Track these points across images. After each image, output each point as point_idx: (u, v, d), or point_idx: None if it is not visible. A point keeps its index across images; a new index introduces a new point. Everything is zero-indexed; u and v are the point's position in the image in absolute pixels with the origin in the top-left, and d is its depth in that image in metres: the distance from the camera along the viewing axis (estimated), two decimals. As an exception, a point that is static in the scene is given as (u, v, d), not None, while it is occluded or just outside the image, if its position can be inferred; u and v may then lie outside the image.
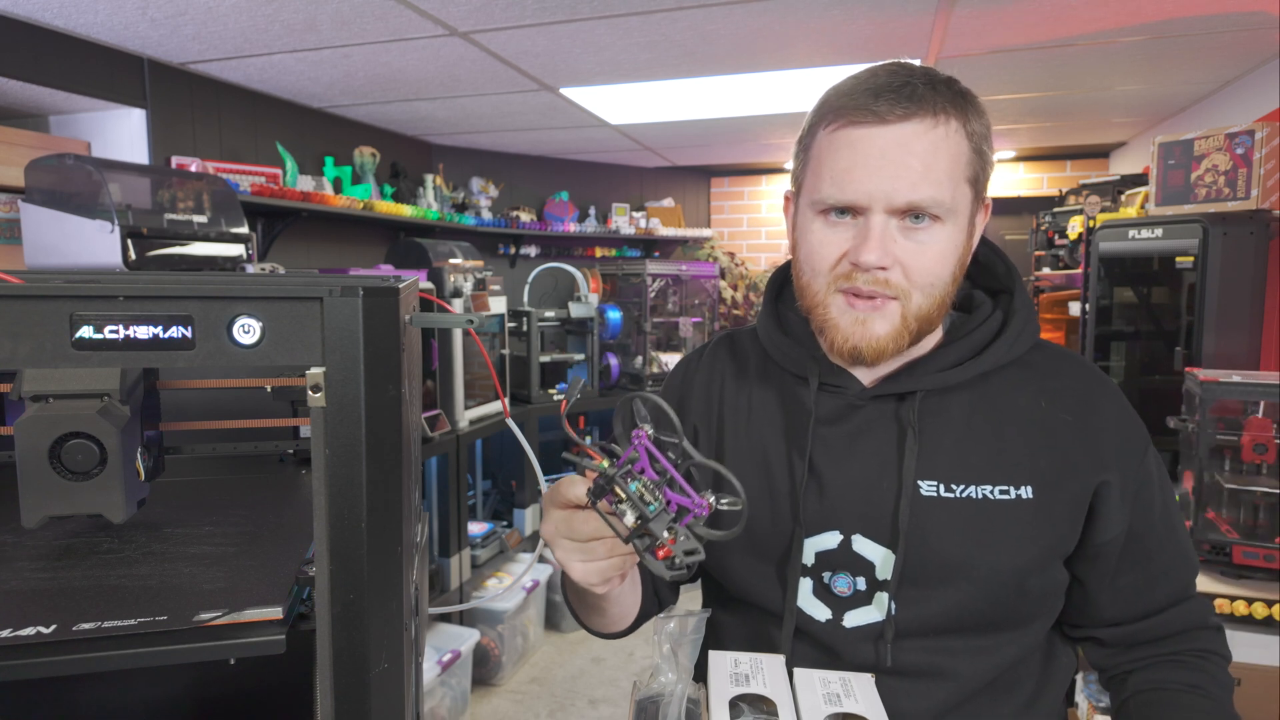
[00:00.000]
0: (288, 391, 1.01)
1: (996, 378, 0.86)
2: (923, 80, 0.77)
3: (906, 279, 0.79)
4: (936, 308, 0.81)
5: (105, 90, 2.31)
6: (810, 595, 0.87)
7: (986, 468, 0.83)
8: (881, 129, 0.76)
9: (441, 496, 3.03)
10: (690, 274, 4.31)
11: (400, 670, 0.58)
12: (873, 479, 0.85)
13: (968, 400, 0.85)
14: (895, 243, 0.78)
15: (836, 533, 0.86)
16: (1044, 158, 4.64)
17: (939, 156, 0.76)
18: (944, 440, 0.84)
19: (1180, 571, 0.88)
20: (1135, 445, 0.85)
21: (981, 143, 0.80)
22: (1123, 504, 0.84)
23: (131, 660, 0.56)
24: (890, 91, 0.76)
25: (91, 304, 0.50)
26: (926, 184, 0.76)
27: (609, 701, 2.99)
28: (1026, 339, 0.86)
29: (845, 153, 0.78)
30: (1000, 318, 0.87)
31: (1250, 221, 2.05)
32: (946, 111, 0.77)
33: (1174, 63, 2.63)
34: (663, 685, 0.78)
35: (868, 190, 0.77)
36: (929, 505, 0.82)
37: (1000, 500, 0.82)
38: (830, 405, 0.88)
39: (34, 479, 0.69)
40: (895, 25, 2.21)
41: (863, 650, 0.85)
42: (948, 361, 0.85)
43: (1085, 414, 0.85)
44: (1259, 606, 1.63)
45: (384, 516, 0.55)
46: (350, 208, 3.06)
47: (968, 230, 0.82)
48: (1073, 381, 0.87)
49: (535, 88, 2.87)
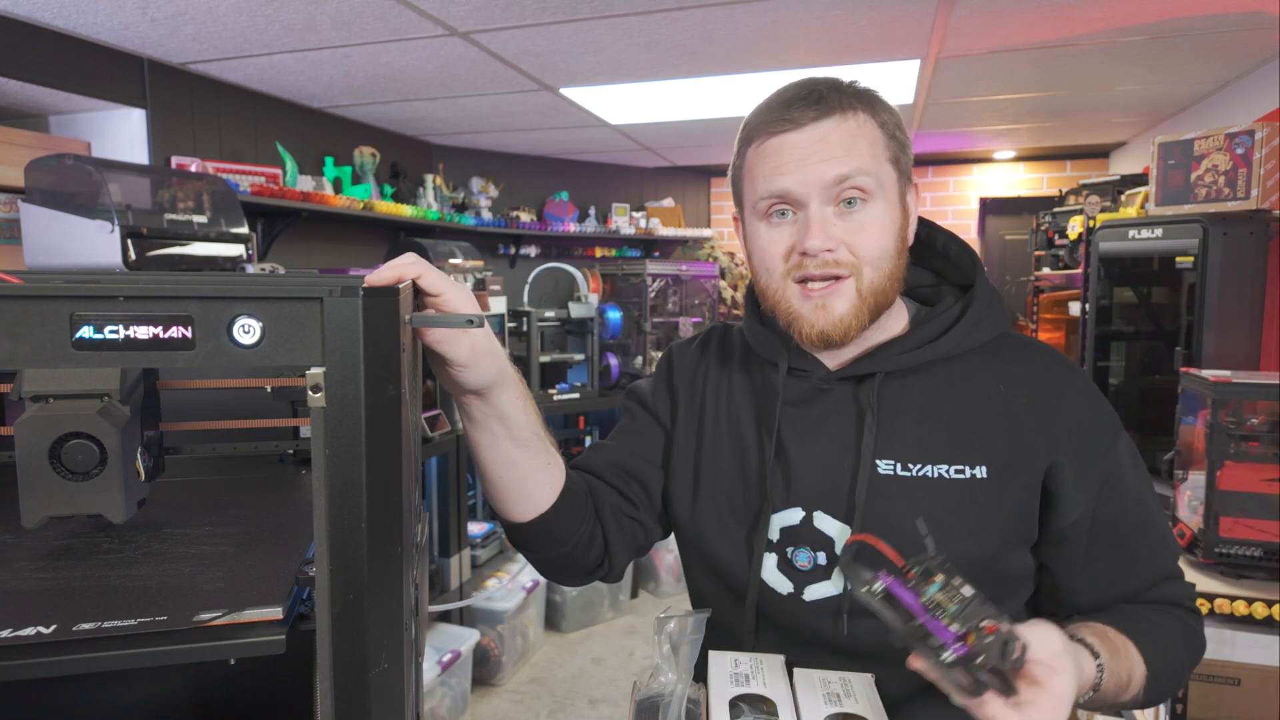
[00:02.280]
0: (288, 391, 1.01)
1: (958, 363, 0.90)
2: (826, 86, 0.85)
3: (854, 255, 0.84)
4: (887, 280, 0.86)
5: (105, 90, 2.31)
6: (774, 569, 0.91)
7: (943, 448, 0.86)
8: (799, 131, 0.84)
9: (441, 496, 3.03)
10: (690, 274, 4.30)
11: (400, 670, 0.58)
12: (834, 458, 0.89)
13: (928, 384, 0.89)
14: (835, 226, 0.84)
15: (799, 509, 0.90)
16: (1044, 158, 4.64)
17: (856, 141, 0.84)
18: (903, 421, 0.88)
19: (1156, 558, 0.89)
20: (1099, 431, 0.87)
21: (894, 130, 0.87)
22: (1081, 487, 0.85)
23: (131, 660, 0.56)
24: (799, 100, 0.84)
25: (91, 304, 0.50)
26: (851, 159, 0.83)
27: (609, 701, 2.99)
28: (988, 327, 0.90)
29: (772, 156, 0.86)
30: (960, 308, 0.91)
31: (1250, 221, 2.05)
32: (853, 107, 0.85)
33: (1174, 63, 2.63)
34: (663, 685, 0.79)
35: (799, 179, 0.84)
36: (886, 483, 0.86)
37: (955, 480, 0.85)
38: (798, 389, 0.93)
39: (34, 479, 0.69)
40: (895, 25, 2.21)
41: (822, 624, 0.88)
42: (907, 345, 0.89)
43: (1042, 397, 0.88)
44: (1259, 606, 1.63)
45: (384, 516, 0.55)
46: (350, 208, 3.06)
47: (901, 207, 0.88)
48: (1035, 367, 0.90)
49: (535, 88, 2.87)
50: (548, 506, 0.88)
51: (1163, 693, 0.84)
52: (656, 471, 1.00)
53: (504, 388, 0.78)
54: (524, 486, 0.86)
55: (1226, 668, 1.73)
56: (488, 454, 0.82)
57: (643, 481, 0.99)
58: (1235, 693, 1.72)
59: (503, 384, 0.77)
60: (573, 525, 0.90)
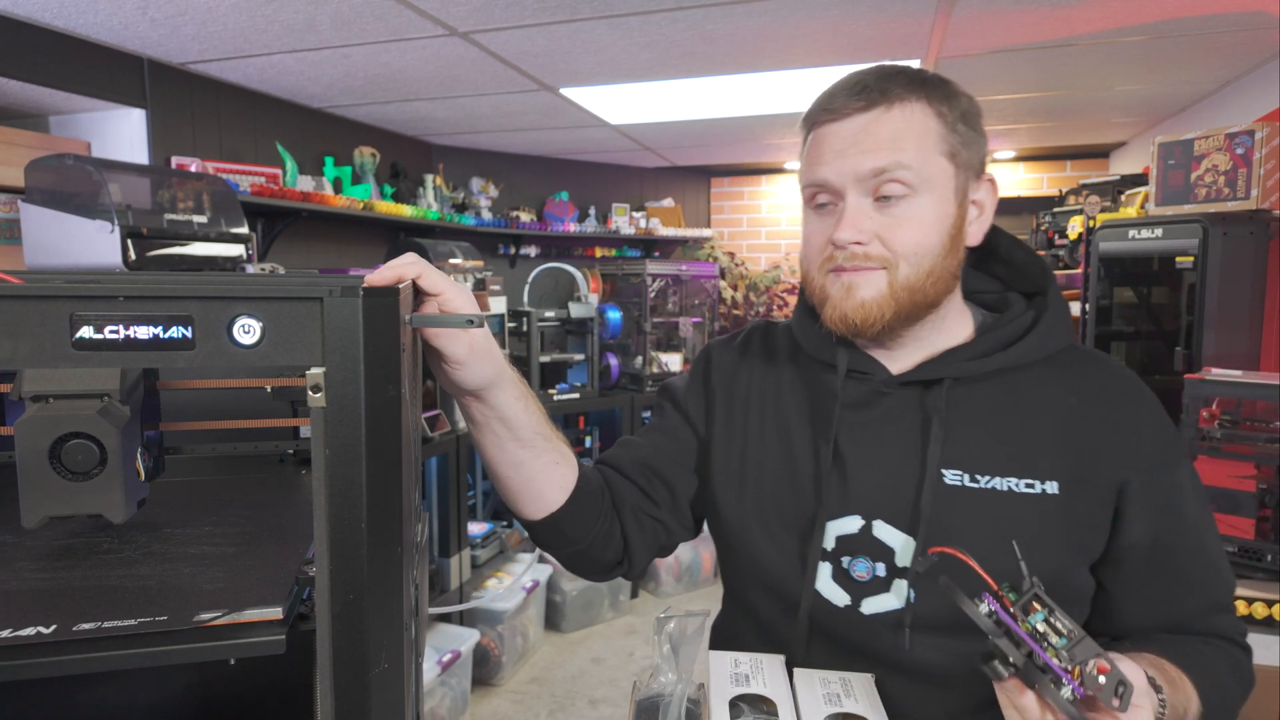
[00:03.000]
0: (288, 391, 1.01)
1: (1026, 374, 0.86)
2: (876, 75, 0.83)
3: (887, 249, 0.82)
4: (926, 277, 0.83)
5: (105, 90, 2.31)
6: (829, 579, 0.87)
7: (1012, 460, 0.83)
8: (841, 122, 0.83)
9: (441, 496, 3.03)
10: (690, 274, 4.30)
11: (400, 670, 0.58)
12: (896, 465, 0.85)
13: (995, 393, 0.86)
14: (870, 219, 0.82)
15: (858, 517, 0.86)
16: (1044, 158, 4.64)
17: (904, 132, 0.81)
18: (971, 430, 0.85)
19: (1210, 588, 0.86)
20: (1166, 452, 0.85)
21: (956, 121, 0.83)
22: (1145, 508, 0.83)
23: (131, 660, 0.56)
24: (844, 91, 0.83)
25: (91, 304, 0.50)
26: (891, 151, 0.81)
27: (609, 701, 2.99)
28: (1058, 338, 0.87)
29: (817, 146, 0.86)
30: (1032, 316, 0.88)
31: (1250, 221, 2.05)
32: (903, 96, 0.82)
33: (1174, 63, 2.63)
34: (663, 685, 0.79)
35: (836, 169, 0.83)
36: (953, 494, 0.83)
37: (1025, 494, 0.82)
38: (857, 392, 0.90)
39: (34, 479, 0.69)
40: (895, 25, 2.21)
41: (881, 639, 0.84)
42: (976, 352, 0.86)
43: (1114, 412, 0.85)
44: (1259, 606, 1.63)
45: (384, 516, 0.55)
46: (350, 208, 3.06)
47: (956, 203, 0.84)
48: (1106, 381, 0.87)
49: (535, 88, 2.87)
50: (558, 505, 0.88)
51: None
52: (684, 472, 0.99)
53: (501, 388, 0.78)
54: (532, 486, 0.86)
55: (1226, 668, 1.73)
56: (493, 455, 0.83)
57: (667, 481, 0.98)
58: (1235, 693, 1.72)
59: (500, 384, 0.77)
60: (586, 524, 0.90)
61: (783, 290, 4.84)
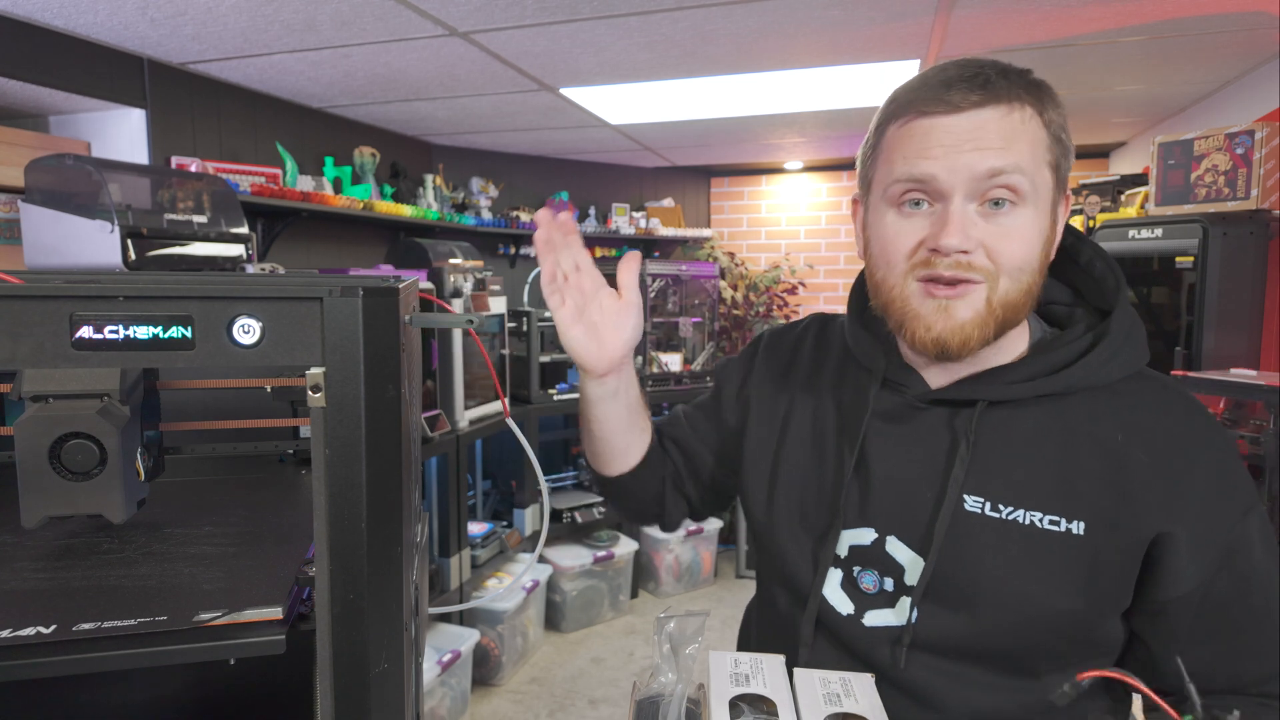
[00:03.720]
0: (288, 391, 1.01)
1: (1078, 401, 0.80)
2: (995, 70, 0.76)
3: (991, 261, 0.75)
4: (1023, 295, 0.77)
5: (105, 90, 2.31)
6: (838, 587, 0.87)
7: (1041, 493, 0.78)
8: (956, 116, 0.75)
9: (441, 496, 3.03)
10: (690, 274, 4.30)
11: (400, 670, 0.58)
12: (917, 483, 0.83)
13: (1037, 419, 0.80)
14: (976, 226, 0.75)
15: (872, 530, 0.85)
16: (1044, 158, 4.63)
17: (1018, 138, 0.75)
18: (1001, 457, 0.80)
19: (1273, 653, 0.77)
20: (1228, 503, 0.76)
21: (1059, 131, 0.78)
22: (1193, 560, 0.75)
23: (131, 660, 0.56)
24: (962, 81, 0.75)
25: (91, 304, 0.50)
26: (1008, 153, 0.74)
27: (609, 701, 2.99)
28: (1120, 365, 0.80)
29: (919, 138, 0.76)
30: (1089, 340, 0.81)
31: (1250, 221, 2.05)
32: (1021, 99, 0.75)
33: (1174, 63, 2.63)
34: (663, 685, 0.78)
35: (947, 165, 0.74)
36: (970, 520, 0.79)
37: (1048, 530, 0.77)
38: (891, 403, 0.87)
39: (34, 479, 0.69)
40: (895, 25, 2.22)
41: (879, 652, 0.84)
42: (1019, 375, 0.80)
43: (1168, 457, 0.76)
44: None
45: (384, 516, 0.55)
46: (350, 208, 3.06)
47: (1051, 218, 0.79)
48: (1166, 419, 0.78)
49: (535, 88, 2.87)
50: (632, 466, 1.02)
51: None
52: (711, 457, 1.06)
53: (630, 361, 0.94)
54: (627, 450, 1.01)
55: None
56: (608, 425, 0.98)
57: (695, 464, 1.07)
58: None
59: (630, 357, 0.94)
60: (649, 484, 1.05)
61: (783, 290, 4.84)
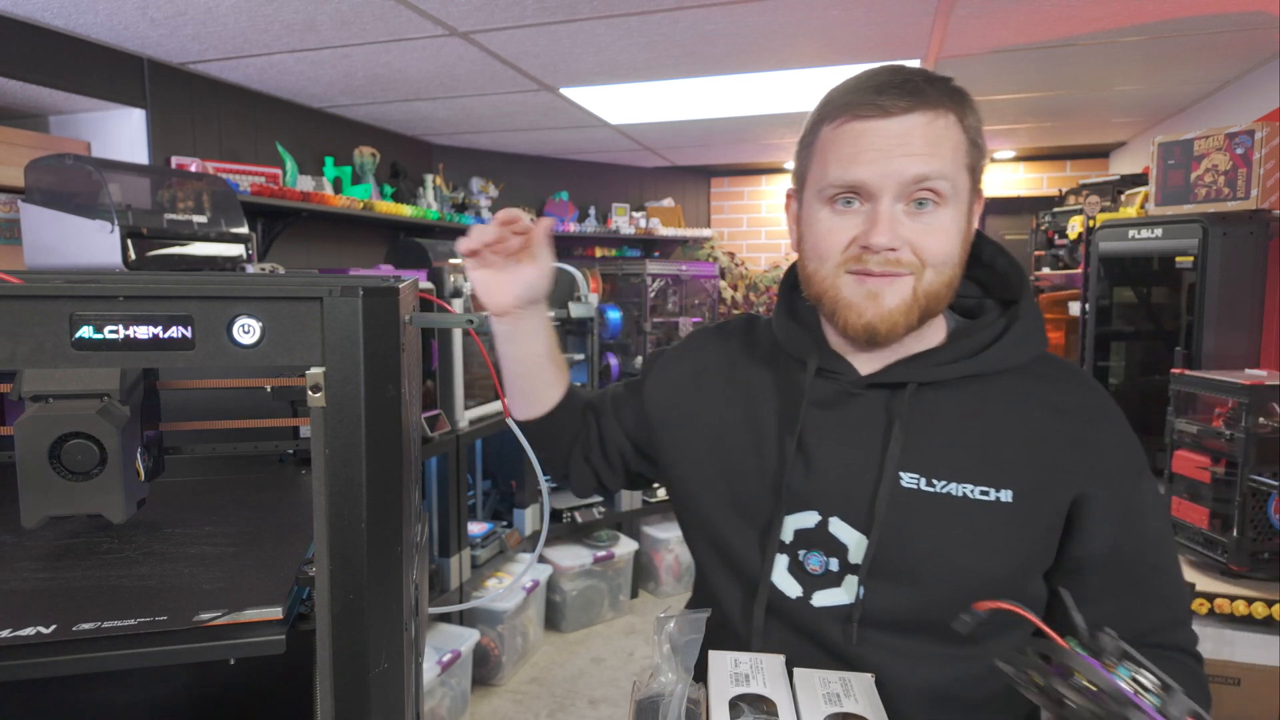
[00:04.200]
0: (288, 391, 1.01)
1: (995, 382, 0.87)
2: (922, 78, 0.81)
3: (917, 257, 0.82)
4: (945, 286, 0.84)
5: (105, 90, 2.31)
6: (785, 571, 0.90)
7: (970, 467, 0.84)
8: (886, 121, 0.80)
9: (441, 496, 3.03)
10: (690, 274, 4.30)
11: (400, 670, 0.58)
12: (856, 465, 0.87)
13: (960, 399, 0.87)
14: (903, 225, 0.81)
15: (815, 513, 0.88)
16: (1044, 158, 4.64)
17: (942, 143, 0.80)
18: (932, 435, 0.86)
19: (1168, 602, 0.87)
20: (1130, 466, 0.86)
21: (976, 136, 0.84)
22: (1106, 520, 0.83)
23: (131, 660, 0.56)
24: (893, 87, 0.80)
25: (91, 304, 0.50)
26: (933, 159, 0.80)
27: (609, 701, 2.99)
28: (1030, 347, 0.87)
29: (852, 141, 0.81)
30: (1003, 324, 0.88)
31: (1250, 221, 2.05)
32: (945, 105, 0.81)
33: (1174, 63, 2.63)
34: (663, 685, 0.78)
35: (878, 171, 0.80)
36: (908, 496, 0.84)
37: (979, 500, 0.83)
38: (825, 390, 0.91)
39: (34, 479, 0.69)
40: (895, 25, 2.22)
41: (829, 631, 0.86)
42: (944, 358, 0.87)
43: (1080, 427, 0.85)
44: (1259, 606, 1.63)
45: (384, 516, 0.55)
46: (350, 208, 3.06)
47: (969, 216, 0.86)
48: (1074, 396, 0.87)
49: (535, 88, 2.87)
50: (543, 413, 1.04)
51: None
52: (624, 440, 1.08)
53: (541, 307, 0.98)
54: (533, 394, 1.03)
55: (1226, 668, 1.73)
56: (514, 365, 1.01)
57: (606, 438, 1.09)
58: (1235, 693, 1.72)
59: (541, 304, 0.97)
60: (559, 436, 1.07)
61: (783, 290, 4.84)
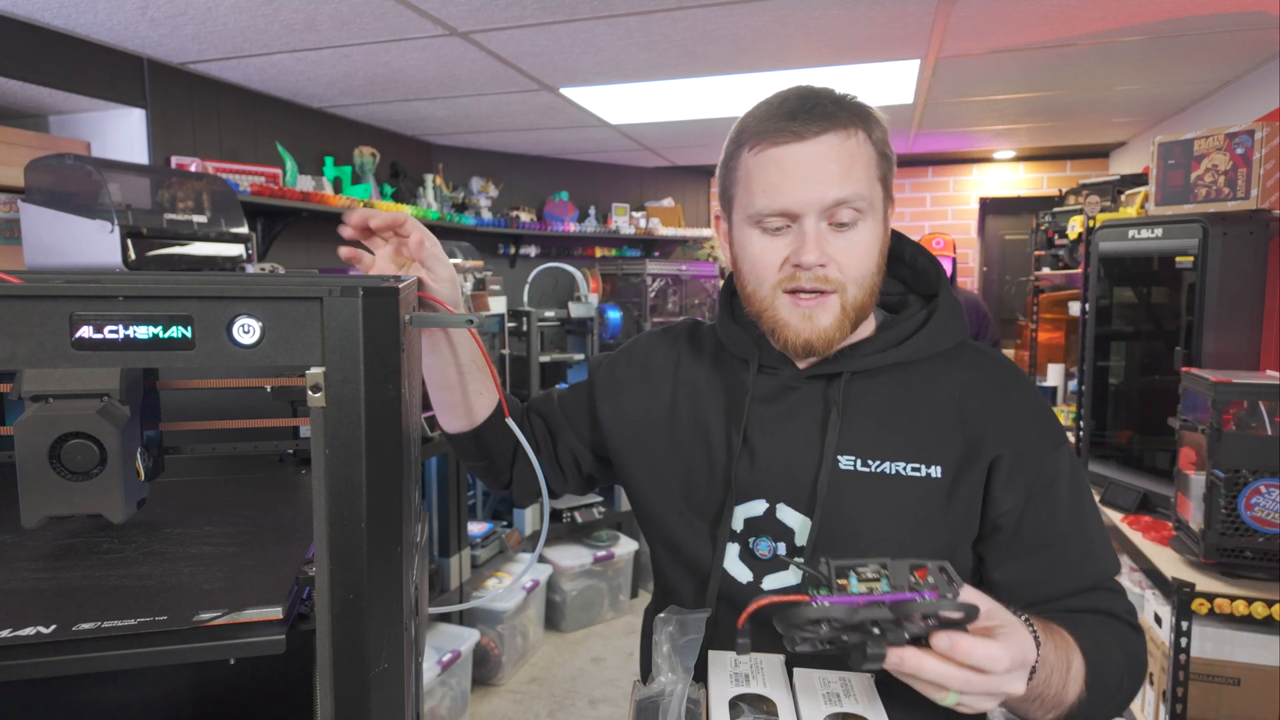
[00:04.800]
0: (288, 391, 1.01)
1: (920, 368, 0.94)
2: (829, 100, 0.87)
3: (841, 273, 0.88)
4: (869, 296, 0.90)
5: (105, 90, 2.31)
6: (736, 559, 0.95)
7: (902, 446, 0.90)
8: (802, 145, 0.86)
9: (441, 496, 3.03)
10: (690, 274, 4.31)
11: (400, 670, 0.58)
12: (799, 452, 0.92)
13: (890, 386, 0.93)
14: (828, 242, 0.87)
15: (763, 501, 0.94)
16: (1044, 158, 4.64)
17: (855, 162, 0.86)
18: (866, 420, 0.92)
19: (1084, 567, 0.91)
20: (1040, 435, 0.90)
21: (884, 147, 0.90)
22: (1013, 483, 0.88)
23: (131, 660, 0.56)
24: (804, 113, 0.86)
25: (91, 304, 0.50)
26: (849, 182, 0.85)
27: (609, 701, 2.99)
28: (949, 335, 0.94)
29: (773, 168, 0.87)
30: (924, 315, 0.95)
31: (1250, 221, 2.04)
32: (854, 124, 0.87)
33: (1174, 63, 2.63)
34: (663, 685, 0.78)
35: (800, 197, 0.85)
36: (846, 478, 0.90)
37: (912, 477, 0.89)
38: (767, 386, 0.97)
39: (34, 479, 0.69)
40: (895, 25, 2.22)
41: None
42: (873, 348, 0.93)
43: (994, 401, 0.92)
44: (1259, 606, 1.63)
45: (384, 516, 0.55)
46: (350, 208, 3.06)
47: (884, 224, 0.92)
48: (989, 375, 0.94)
49: (535, 88, 2.87)
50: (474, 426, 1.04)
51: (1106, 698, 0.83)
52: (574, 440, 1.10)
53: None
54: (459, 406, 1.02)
55: (1226, 668, 1.73)
56: (435, 376, 0.98)
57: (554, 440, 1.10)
58: (1235, 693, 1.73)
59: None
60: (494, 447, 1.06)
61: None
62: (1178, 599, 1.69)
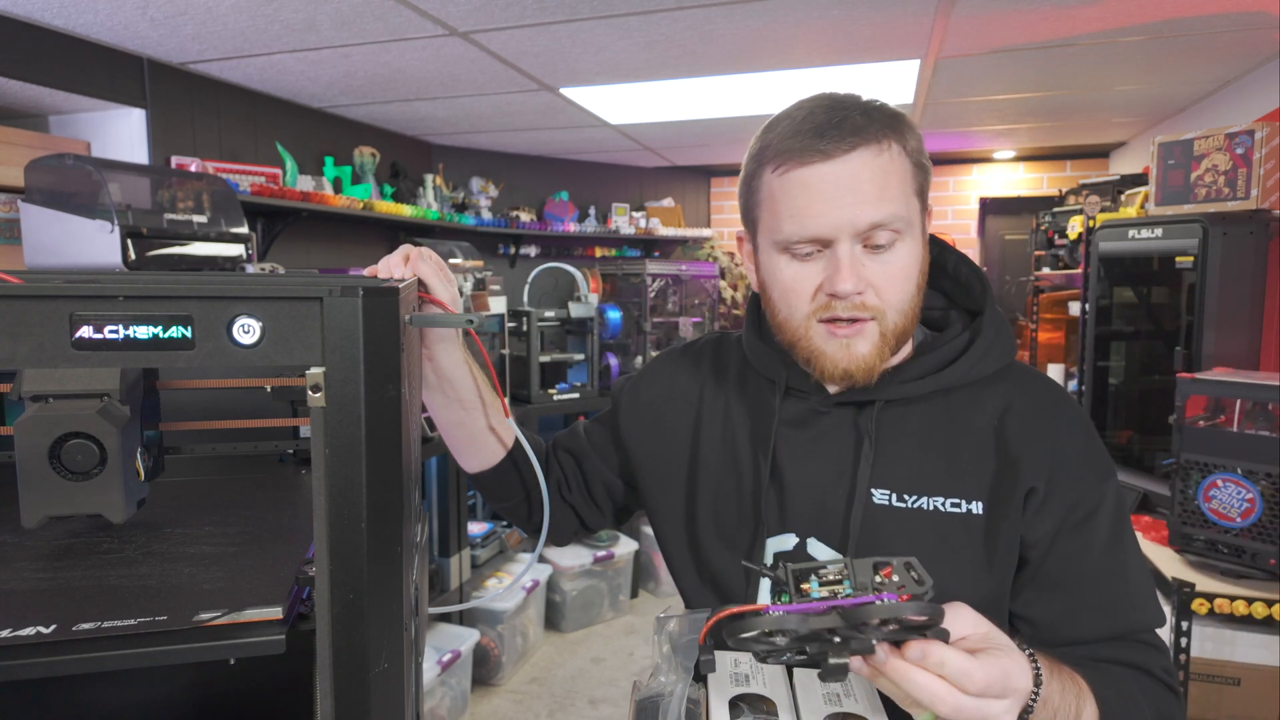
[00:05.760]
0: (288, 391, 1.01)
1: (960, 395, 0.87)
2: (858, 111, 0.79)
3: (880, 299, 0.81)
4: (909, 320, 0.84)
5: (105, 90, 2.31)
6: (768, 595, 0.88)
7: (939, 480, 0.83)
8: (830, 164, 0.78)
9: (441, 496, 3.03)
10: (690, 274, 4.30)
11: (400, 670, 0.58)
12: (829, 484, 0.87)
13: (928, 414, 0.86)
14: (864, 267, 0.80)
15: (793, 535, 0.88)
16: (1044, 158, 4.64)
17: (889, 178, 0.79)
18: (901, 451, 0.85)
19: (1116, 612, 0.83)
20: (1083, 467, 0.84)
21: (919, 157, 0.83)
22: (1047, 513, 0.82)
23: (131, 660, 0.56)
24: (832, 128, 0.78)
25: (91, 304, 0.50)
26: (885, 202, 0.78)
27: (609, 701, 2.99)
28: (994, 359, 0.87)
29: (800, 191, 0.79)
30: (967, 338, 0.88)
31: (1250, 221, 2.05)
32: (886, 136, 0.79)
33: (1174, 63, 2.63)
34: (663, 685, 0.78)
35: (831, 222, 0.78)
36: (881, 513, 0.84)
37: (951, 513, 0.82)
38: (796, 410, 0.91)
39: (34, 479, 0.69)
40: (895, 25, 2.21)
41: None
42: (910, 374, 0.86)
43: (1036, 426, 0.85)
44: (1259, 606, 1.63)
45: (384, 516, 0.55)
46: (350, 208, 3.06)
47: (922, 240, 0.85)
48: (1034, 401, 0.87)
49: (535, 88, 2.87)
50: (490, 465, 1.00)
51: None
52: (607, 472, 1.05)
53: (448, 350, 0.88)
54: (471, 444, 0.99)
55: (1226, 668, 1.73)
56: (439, 414, 0.95)
57: (587, 475, 1.06)
58: (1235, 693, 1.73)
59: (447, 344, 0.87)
60: (513, 487, 1.02)
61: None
62: (1178, 599, 1.69)
